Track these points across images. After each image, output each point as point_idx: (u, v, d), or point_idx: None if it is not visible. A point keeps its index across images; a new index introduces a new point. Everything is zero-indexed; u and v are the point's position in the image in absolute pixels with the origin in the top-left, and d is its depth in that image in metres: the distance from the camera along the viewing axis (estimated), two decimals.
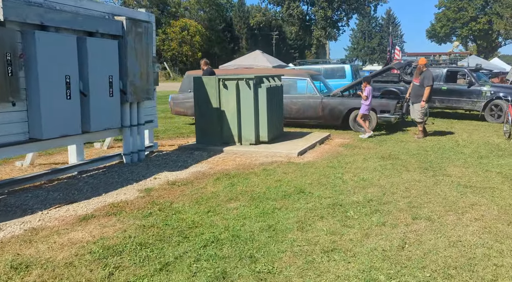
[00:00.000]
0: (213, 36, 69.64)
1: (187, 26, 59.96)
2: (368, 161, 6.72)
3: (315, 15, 44.50)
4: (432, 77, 9.18)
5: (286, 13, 45.41)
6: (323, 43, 45.71)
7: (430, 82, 8.99)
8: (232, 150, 7.22)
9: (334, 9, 43.90)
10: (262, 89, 7.45)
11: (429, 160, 6.83)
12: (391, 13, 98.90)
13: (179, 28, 59.39)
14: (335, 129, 10.38)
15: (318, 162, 6.56)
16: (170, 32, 59.34)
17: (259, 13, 63.22)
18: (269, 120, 7.61)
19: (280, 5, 47.18)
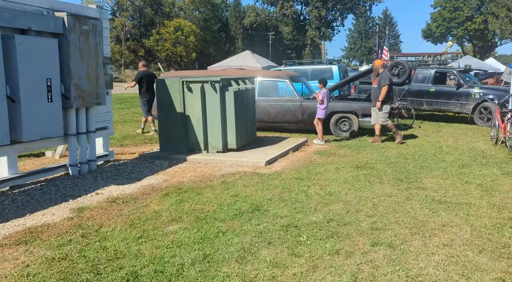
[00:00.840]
0: (208, 36, 69.08)
1: (181, 26, 59.36)
2: (340, 171, 6.19)
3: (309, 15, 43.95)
4: (390, 77, 8.72)
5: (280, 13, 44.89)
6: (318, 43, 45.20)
7: (386, 81, 8.52)
8: (196, 159, 6.68)
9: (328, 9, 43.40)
10: (230, 92, 6.92)
11: (406, 170, 6.30)
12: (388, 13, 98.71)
13: (173, 28, 58.79)
14: (316, 134, 9.84)
15: (286, 173, 6.03)
16: (164, 32, 58.74)
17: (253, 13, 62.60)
18: (238, 126, 7.08)
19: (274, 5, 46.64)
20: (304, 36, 47.02)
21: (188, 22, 61.22)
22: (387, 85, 8.52)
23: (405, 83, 12.62)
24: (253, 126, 7.95)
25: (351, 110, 9.50)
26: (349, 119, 9.55)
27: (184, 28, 59.55)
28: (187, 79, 6.96)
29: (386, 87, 8.55)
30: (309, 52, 47.59)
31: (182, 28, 59.49)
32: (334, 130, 9.66)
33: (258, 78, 10.12)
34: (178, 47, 59.70)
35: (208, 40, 67.92)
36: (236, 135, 7.05)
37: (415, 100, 12.46)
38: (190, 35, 59.90)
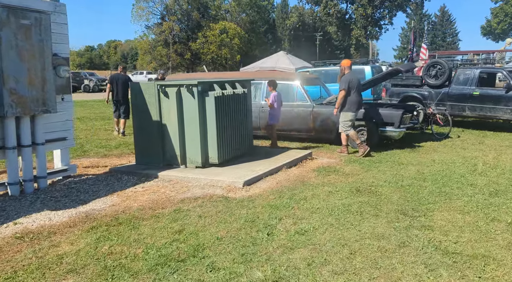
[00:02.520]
0: (254, 38, 68.53)
1: (226, 29, 59.18)
2: (332, 197, 4.98)
3: (354, 13, 41.96)
4: (349, 81, 7.43)
5: (323, 12, 43.24)
6: (363, 43, 43.08)
7: (342, 86, 7.43)
8: (168, 176, 5.70)
9: (375, 7, 41.17)
10: (210, 98, 5.89)
11: (417, 198, 4.97)
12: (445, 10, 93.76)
13: (218, 31, 58.73)
14: (329, 144, 8.60)
15: (263, 197, 4.90)
16: (209, 35, 58.83)
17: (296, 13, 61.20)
18: (221, 137, 6.03)
19: (318, 4, 45.06)
20: (349, 36, 45.01)
21: (233, 25, 60.96)
22: (343, 90, 7.39)
23: (444, 85, 11.04)
24: (247, 137, 6.86)
25: (368, 117, 8.17)
26: (367, 127, 8.21)
27: (229, 31, 59.36)
28: (162, 83, 6.02)
29: (342, 92, 7.40)
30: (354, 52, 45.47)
31: (227, 30, 59.33)
32: (350, 141, 8.36)
33: (265, 81, 9.04)
34: (223, 50, 59.60)
35: (253, 42, 67.38)
36: (218, 148, 6.00)
37: (455, 105, 10.80)
38: (234, 37, 59.62)
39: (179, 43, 62.04)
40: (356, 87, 7.55)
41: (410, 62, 11.31)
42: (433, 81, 11.16)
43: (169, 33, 60.75)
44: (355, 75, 7.86)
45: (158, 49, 61.17)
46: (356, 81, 7.61)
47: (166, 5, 63.15)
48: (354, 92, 7.52)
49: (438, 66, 11.14)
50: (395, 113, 7.99)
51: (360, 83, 7.81)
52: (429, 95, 11.18)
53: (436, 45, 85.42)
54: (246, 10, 69.54)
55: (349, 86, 7.47)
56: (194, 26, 63.21)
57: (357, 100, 7.55)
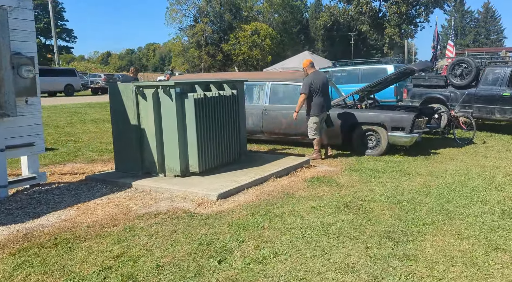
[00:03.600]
0: (286, 38, 67.81)
1: (257, 29, 58.84)
2: (313, 214, 4.37)
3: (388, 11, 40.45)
4: (309, 84, 6.90)
5: (355, 11, 41.96)
6: (397, 41, 41.46)
7: (302, 89, 6.98)
8: (142, 186, 5.26)
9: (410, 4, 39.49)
10: (189, 100, 5.41)
11: (412, 217, 4.28)
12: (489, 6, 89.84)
13: (250, 32, 58.47)
14: (336, 150, 7.94)
15: (233, 214, 4.35)
16: (241, 36, 58.68)
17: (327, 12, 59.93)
18: (202, 144, 5.54)
19: (350, 3, 43.80)
20: (382, 35, 43.49)
21: (265, 25, 60.54)
22: (303, 94, 6.93)
23: (471, 85, 10.11)
24: (237, 143, 6.32)
25: (377, 121, 7.45)
26: (376, 132, 7.50)
27: (261, 32, 58.97)
28: (140, 84, 5.59)
29: (302, 96, 6.95)
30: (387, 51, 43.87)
31: (259, 31, 58.97)
32: (358, 146, 7.67)
33: (268, 82, 8.49)
34: (254, 51, 59.28)
35: (286, 43, 66.67)
36: (199, 156, 5.50)
37: (483, 107, 9.83)
38: (266, 38, 59.16)
39: (211, 44, 62.29)
40: (320, 88, 7.00)
41: (425, 61, 10.40)
42: (458, 81, 10.23)
43: (201, 35, 61.11)
44: (319, 75, 7.25)
45: (190, 50, 61.69)
46: (319, 82, 7.04)
47: (199, 7, 63.60)
48: (318, 95, 7.00)
49: (464, 64, 10.19)
50: (406, 117, 7.23)
51: (326, 84, 7.19)
52: (454, 97, 10.26)
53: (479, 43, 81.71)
54: (278, 11, 68.96)
55: (311, 89, 6.95)
56: (226, 27, 63.30)
57: (321, 103, 7.04)
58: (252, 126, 8.50)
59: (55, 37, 37.01)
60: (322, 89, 7.04)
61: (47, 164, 6.75)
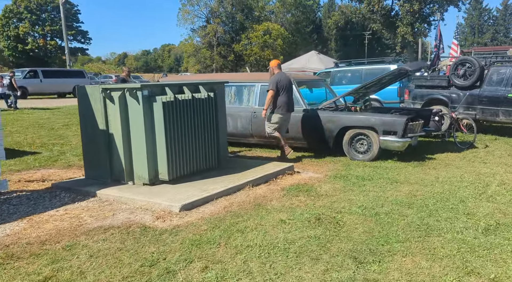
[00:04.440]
0: (299, 38, 67.29)
1: (269, 30, 58.47)
2: (279, 229, 4.03)
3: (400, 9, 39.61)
4: (277, 81, 6.84)
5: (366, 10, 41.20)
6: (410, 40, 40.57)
7: (270, 86, 6.90)
8: (107, 195, 4.99)
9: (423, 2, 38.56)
10: (157, 104, 5.12)
11: (386, 232, 3.91)
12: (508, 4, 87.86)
13: (261, 32, 58.14)
14: (327, 155, 7.57)
15: (192, 228, 4.01)
16: (252, 36, 58.41)
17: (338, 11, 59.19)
18: (172, 150, 5.24)
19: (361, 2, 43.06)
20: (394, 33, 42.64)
21: (277, 25, 60.14)
22: (271, 90, 6.84)
23: (475, 86, 9.62)
24: (214, 148, 6.01)
25: (368, 125, 7.06)
26: (368, 137, 7.11)
27: (272, 32, 58.58)
28: (107, 86, 5.33)
29: (270, 92, 6.85)
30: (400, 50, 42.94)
31: (270, 31, 58.59)
32: (348, 151, 7.29)
33: (258, 84, 8.16)
34: (266, 51, 58.92)
35: (298, 43, 66.15)
36: (169, 163, 5.21)
37: (487, 109, 9.33)
38: (278, 38, 58.75)
39: (222, 45, 62.16)
40: (285, 88, 6.92)
41: (421, 61, 9.91)
42: (462, 81, 9.74)
43: (213, 36, 61.04)
44: (285, 76, 7.10)
45: (202, 51, 61.65)
46: (285, 81, 6.94)
47: (211, 8, 63.54)
48: (283, 93, 6.90)
49: (467, 64, 9.70)
50: (398, 120, 6.83)
51: (291, 85, 7.08)
52: (457, 98, 9.78)
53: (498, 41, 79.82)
54: (291, 10, 68.49)
55: (278, 87, 6.85)
56: (238, 28, 63.12)
57: (287, 102, 6.97)
58: (241, 129, 8.20)
59: (66, 38, 37.30)
60: (287, 89, 6.99)
61: (21, 169, 6.55)
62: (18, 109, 17.43)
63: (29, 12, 64.01)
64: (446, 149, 7.93)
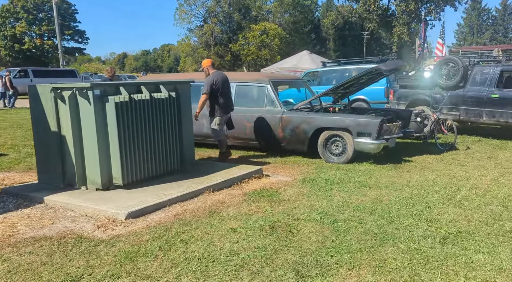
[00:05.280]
0: (297, 38, 66.99)
1: (266, 29, 58.21)
2: (227, 239, 3.78)
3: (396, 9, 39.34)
4: (211, 83, 6.56)
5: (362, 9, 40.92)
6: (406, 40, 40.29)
7: (204, 89, 6.60)
8: (54, 201, 4.71)
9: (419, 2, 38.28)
10: (110, 104, 4.88)
11: (340, 241, 3.66)
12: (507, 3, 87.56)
13: (258, 32, 57.88)
14: (303, 157, 7.34)
15: (133, 238, 3.74)
16: (249, 36, 58.16)
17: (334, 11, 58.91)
18: (127, 154, 4.99)
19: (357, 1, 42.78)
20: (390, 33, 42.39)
21: (274, 25, 59.86)
22: (205, 94, 6.56)
23: (459, 86, 9.39)
24: (176, 151, 5.75)
25: (343, 126, 6.81)
26: (342, 138, 6.87)
27: (269, 31, 58.31)
28: (58, 85, 5.07)
29: (204, 96, 6.57)
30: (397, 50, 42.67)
31: (267, 31, 58.32)
32: (323, 153, 7.05)
33: (234, 83, 7.92)
34: (263, 51, 58.67)
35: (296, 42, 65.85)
36: (123, 167, 4.96)
37: (471, 110, 9.08)
38: (275, 38, 58.47)
39: (219, 45, 61.95)
40: (222, 88, 6.69)
41: (397, 60, 9.65)
42: (445, 81, 9.49)
43: (210, 35, 60.84)
44: (221, 75, 6.85)
45: (199, 51, 61.43)
46: (222, 81, 6.71)
47: (208, 7, 63.31)
48: (221, 95, 6.67)
49: (451, 64, 9.45)
50: (372, 122, 6.58)
51: (228, 85, 6.88)
52: (441, 98, 9.52)
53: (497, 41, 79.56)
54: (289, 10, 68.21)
55: (213, 88, 6.59)
56: (235, 27, 62.91)
57: (225, 103, 6.76)
58: None
59: (59, 38, 37.12)
60: (225, 89, 6.77)
61: None
62: (14, 108, 17.45)
63: (26, 12, 63.76)
64: (426, 151, 7.68)
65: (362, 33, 65.54)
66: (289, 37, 63.54)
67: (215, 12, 64.03)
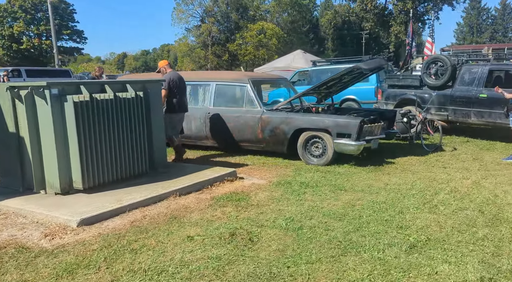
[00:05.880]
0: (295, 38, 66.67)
1: (264, 29, 57.92)
2: (181, 248, 3.55)
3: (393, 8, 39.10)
4: (169, 80, 6.61)
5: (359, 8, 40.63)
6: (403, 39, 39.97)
7: (164, 85, 6.53)
8: (7, 206, 4.44)
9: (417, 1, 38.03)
10: (68, 104, 4.65)
11: (300, 250, 3.43)
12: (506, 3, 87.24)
13: (256, 31, 57.59)
14: (283, 158, 7.12)
15: (78, 249, 3.48)
16: (247, 36, 57.88)
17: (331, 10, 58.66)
18: (87, 156, 4.75)
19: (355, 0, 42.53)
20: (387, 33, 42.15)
21: (271, 25, 59.56)
22: (164, 90, 6.51)
23: (447, 85, 9.15)
24: (144, 153, 5.51)
25: (322, 127, 6.58)
26: (322, 139, 6.63)
27: (267, 31, 58.01)
28: (15, 84, 4.84)
29: (164, 91, 6.49)
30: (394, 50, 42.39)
31: (265, 31, 58.02)
32: (303, 155, 6.82)
33: (213, 82, 7.69)
34: (261, 50, 58.38)
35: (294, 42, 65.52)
36: (83, 170, 4.73)
37: (459, 110, 8.83)
38: (272, 37, 58.16)
39: (217, 44, 61.68)
40: (177, 87, 6.71)
41: (378, 58, 9.42)
42: (433, 80, 9.25)
43: (207, 35, 60.57)
44: (178, 75, 6.84)
45: (196, 51, 61.17)
46: (177, 80, 6.74)
47: (205, 7, 63.05)
48: (177, 93, 6.72)
49: (439, 62, 9.20)
50: (352, 122, 6.35)
51: (184, 84, 6.89)
52: (429, 98, 9.28)
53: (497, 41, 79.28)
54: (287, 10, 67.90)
55: (171, 85, 6.63)
56: (233, 27, 62.65)
57: (181, 101, 6.81)
58: (195, 131, 7.74)
59: (54, 37, 36.84)
60: (180, 88, 6.78)
61: None
62: None
63: (24, 11, 63.49)
64: (411, 153, 7.45)
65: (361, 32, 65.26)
66: (287, 37, 63.25)
67: (212, 12, 63.80)
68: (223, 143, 7.64)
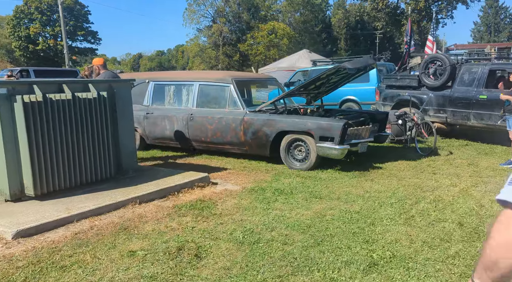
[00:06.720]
0: (307, 38, 66.06)
1: (275, 29, 57.49)
2: (117, 264, 3.22)
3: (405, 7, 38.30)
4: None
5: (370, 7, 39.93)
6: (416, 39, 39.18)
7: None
8: None
9: None
10: (18, 104, 4.37)
11: (249, 269, 3.07)
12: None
13: (267, 31, 57.20)
14: (267, 162, 6.77)
15: (3, 265, 3.24)
16: (258, 36, 57.53)
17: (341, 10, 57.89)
18: (39, 161, 4.44)
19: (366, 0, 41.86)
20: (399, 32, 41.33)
21: (282, 24, 59.10)
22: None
23: (446, 86, 8.69)
24: (110, 157, 5.20)
25: (304, 129, 6.20)
26: (305, 143, 6.26)
27: (278, 31, 57.56)
28: None
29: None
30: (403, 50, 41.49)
31: (276, 31, 57.58)
32: (286, 159, 6.45)
33: (196, 82, 7.37)
34: (271, 50, 57.96)
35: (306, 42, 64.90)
36: (35, 175, 4.44)
37: (458, 111, 8.35)
38: (283, 37, 57.69)
39: (228, 45, 61.48)
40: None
41: (367, 57, 8.92)
42: (432, 81, 8.77)
43: (218, 35, 60.42)
44: (112, 74, 6.60)
45: (207, 51, 61.08)
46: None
47: (217, 7, 62.92)
48: None
49: (438, 62, 8.72)
50: (335, 125, 5.95)
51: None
52: (427, 99, 8.81)
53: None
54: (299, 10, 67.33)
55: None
56: (244, 27, 62.38)
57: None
58: (178, 133, 7.44)
59: (65, 38, 37.04)
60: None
61: None
62: None
63: (40, 13, 64.25)
64: (403, 157, 7.01)
65: (374, 32, 64.25)
66: (299, 37, 62.73)
67: (224, 12, 63.66)
68: (206, 146, 7.32)
